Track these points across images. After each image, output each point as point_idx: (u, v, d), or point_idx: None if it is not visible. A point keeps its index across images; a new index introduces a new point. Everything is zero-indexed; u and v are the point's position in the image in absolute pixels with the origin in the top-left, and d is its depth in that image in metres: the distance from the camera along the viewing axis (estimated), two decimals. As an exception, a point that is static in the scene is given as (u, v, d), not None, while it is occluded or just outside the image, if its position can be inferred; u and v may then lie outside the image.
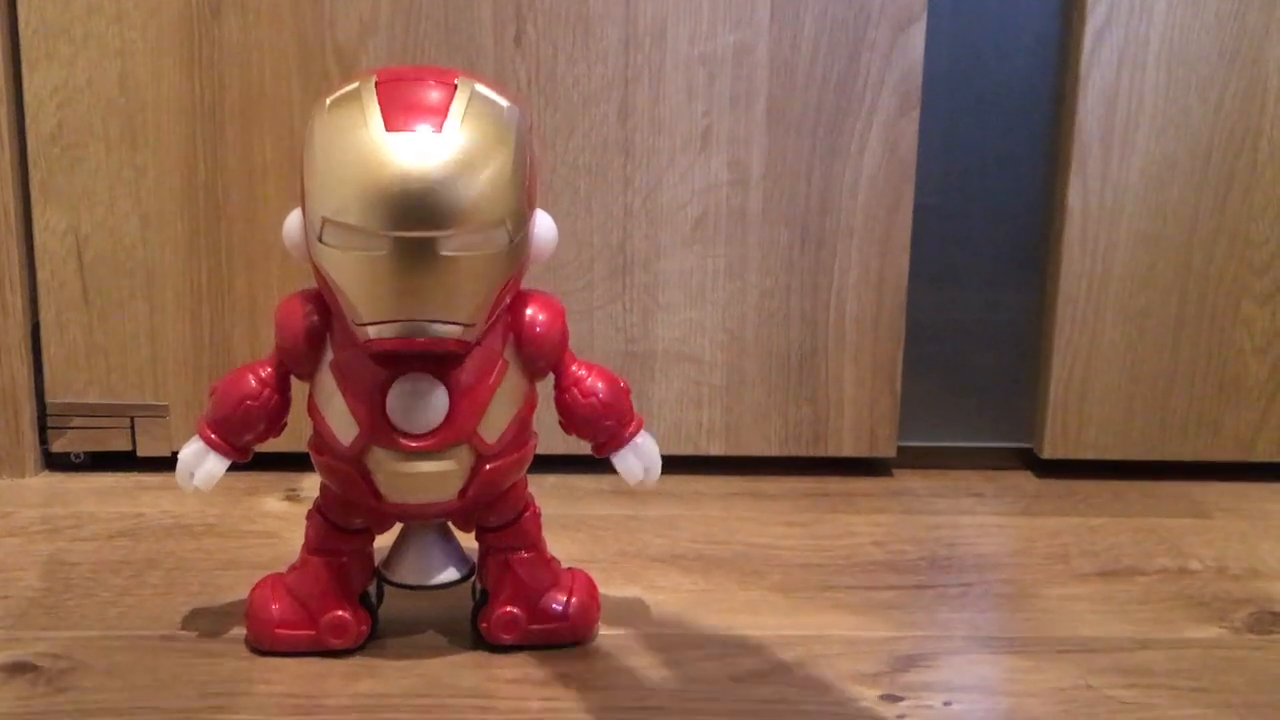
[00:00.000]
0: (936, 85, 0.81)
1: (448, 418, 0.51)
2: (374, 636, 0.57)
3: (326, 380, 0.53)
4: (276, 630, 0.55)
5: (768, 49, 0.79)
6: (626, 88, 0.79)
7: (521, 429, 0.55)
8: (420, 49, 0.77)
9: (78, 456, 0.82)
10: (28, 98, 0.76)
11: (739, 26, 0.78)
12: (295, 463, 0.81)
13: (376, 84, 0.49)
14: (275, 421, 0.55)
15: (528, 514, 0.57)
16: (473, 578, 0.58)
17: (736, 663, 0.56)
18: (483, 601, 0.57)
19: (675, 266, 0.81)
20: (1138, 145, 0.81)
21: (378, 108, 0.48)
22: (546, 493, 0.77)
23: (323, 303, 0.53)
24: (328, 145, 0.48)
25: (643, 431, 0.57)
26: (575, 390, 0.56)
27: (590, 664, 0.55)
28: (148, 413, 0.81)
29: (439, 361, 0.50)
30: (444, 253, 0.47)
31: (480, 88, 0.50)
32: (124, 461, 0.81)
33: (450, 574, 0.57)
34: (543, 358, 0.54)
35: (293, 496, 0.77)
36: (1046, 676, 0.55)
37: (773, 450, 0.84)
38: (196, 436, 0.55)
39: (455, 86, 0.49)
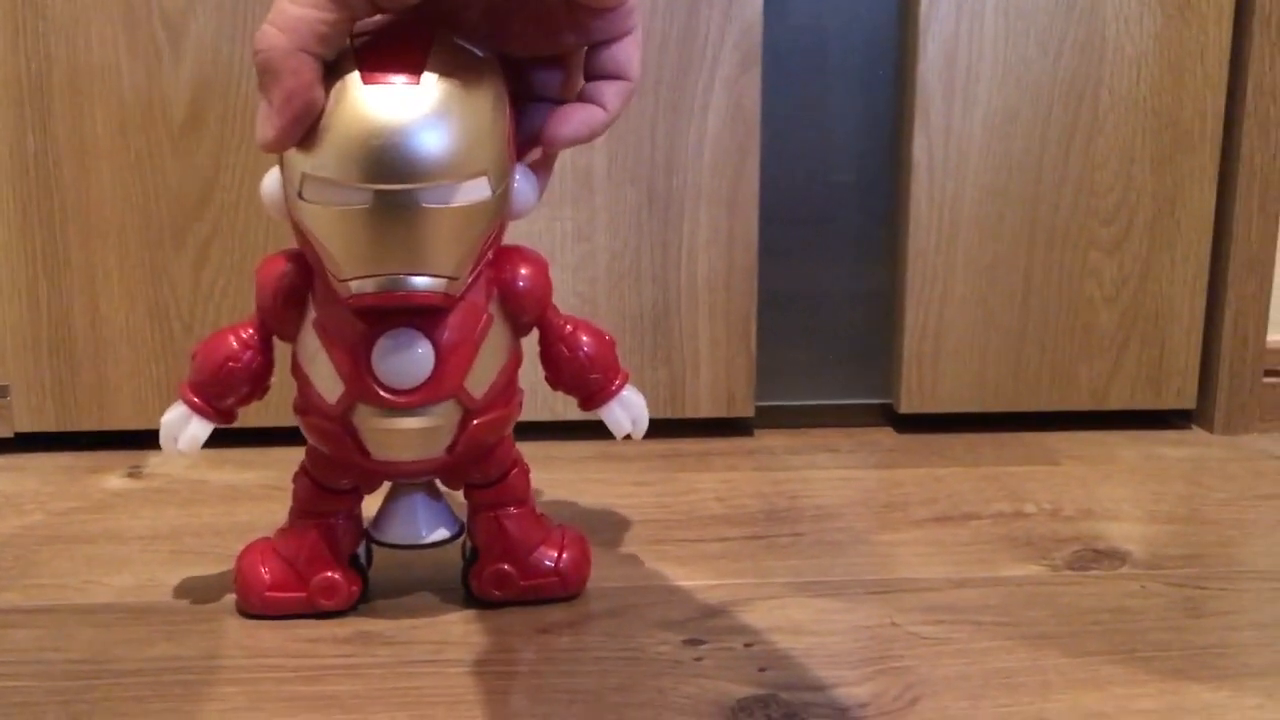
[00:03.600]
0: (778, 45, 0.81)
1: (434, 373, 0.50)
2: (364, 598, 0.56)
3: (310, 339, 0.52)
4: (267, 594, 0.55)
5: (606, 8, 0.78)
6: (465, 50, 0.78)
7: (508, 384, 0.54)
8: (250, 13, 0.76)
9: (-84, 440, 0.80)
10: None
11: (575, -14, 0.78)
12: (141, 441, 0.80)
13: (352, 38, 0.47)
14: (258, 384, 0.54)
15: (515, 470, 0.56)
16: (462, 536, 0.57)
17: (547, 615, 0.56)
18: (473, 559, 0.57)
19: (522, 229, 0.80)
20: (979, 97, 0.81)
21: (354, 61, 0.47)
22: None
23: (303, 262, 0.51)
24: None
25: (628, 385, 0.57)
26: (561, 345, 0.55)
27: (388, 621, 0.55)
28: (-13, 393, 0.80)
29: (423, 316, 0.50)
30: (425, 205, 0.46)
31: (459, 40, 0.49)
32: (-36, 444, 0.80)
33: (440, 533, 0.56)
34: (527, 312, 0.54)
35: (135, 474, 0.76)
36: (854, 616, 0.55)
37: (628, 413, 0.83)
38: (179, 400, 0.54)
39: (432, 38, 0.48)
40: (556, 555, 0.57)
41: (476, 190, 0.48)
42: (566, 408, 0.82)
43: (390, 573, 0.59)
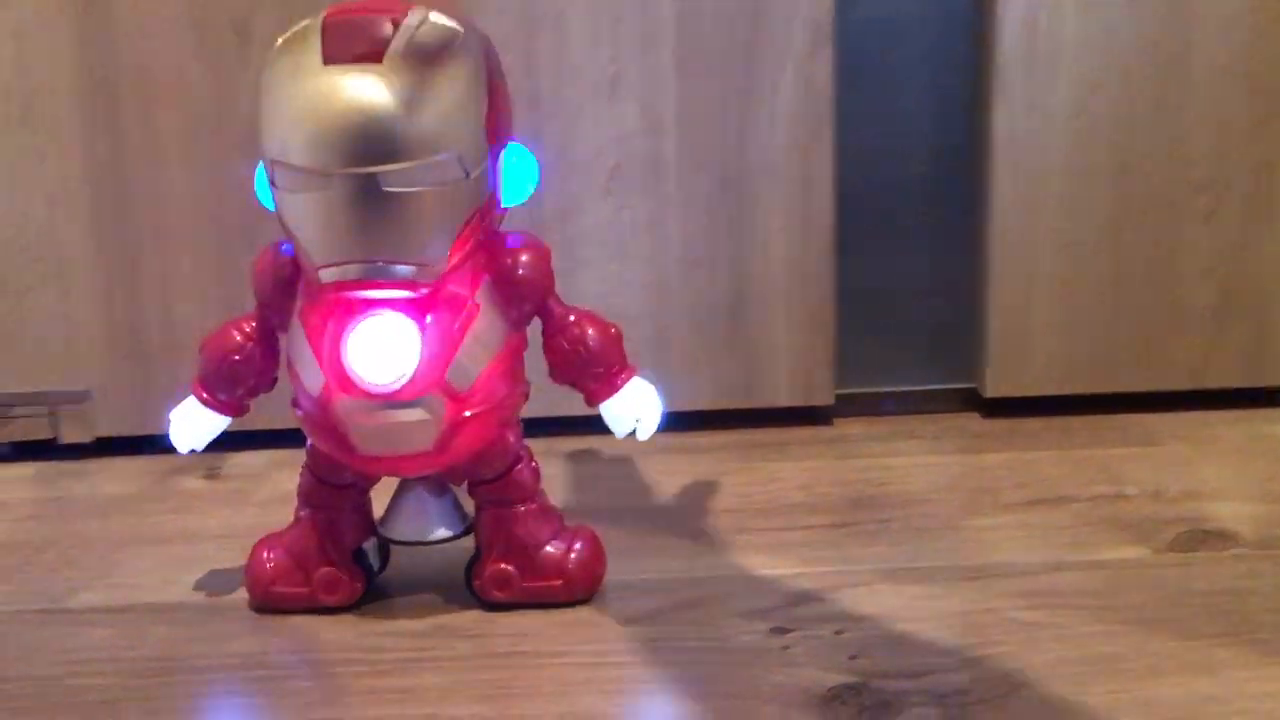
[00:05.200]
0: (850, 20, 0.79)
1: (412, 365, 0.48)
2: (372, 593, 0.55)
3: (297, 330, 0.51)
4: (271, 588, 0.54)
5: (672, -12, 0.77)
6: (529, 37, 0.77)
7: (501, 378, 0.51)
8: (316, 10, 0.75)
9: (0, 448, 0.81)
10: (-79, 84, 0.75)
11: (640, -32, 0.76)
12: (217, 443, 0.80)
13: (324, 18, 0.47)
14: (264, 376, 0.54)
15: (519, 466, 0.54)
16: (470, 533, 0.55)
17: (631, 605, 0.54)
18: (476, 557, 0.54)
19: (592, 220, 0.79)
20: (1061, 68, 0.78)
21: (319, 42, 0.46)
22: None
23: (294, 252, 0.51)
24: (272, 85, 0.47)
25: (635, 378, 0.54)
26: (560, 337, 0.53)
27: (467, 614, 0.53)
28: (68, 399, 0.80)
29: (401, 305, 0.48)
30: (390, 189, 0.45)
31: (435, 16, 0.47)
32: (47, 450, 0.80)
33: (443, 531, 0.55)
34: (526, 300, 0.51)
35: (213, 475, 0.76)
36: (948, 603, 0.53)
37: (704, 404, 0.82)
38: (191, 395, 0.54)
39: (404, 15, 0.47)
40: (563, 555, 0.53)
41: (446, 172, 0.46)
42: (642, 399, 0.81)
43: (460, 567, 0.57)
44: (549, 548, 0.54)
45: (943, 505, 0.66)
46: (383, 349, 0.48)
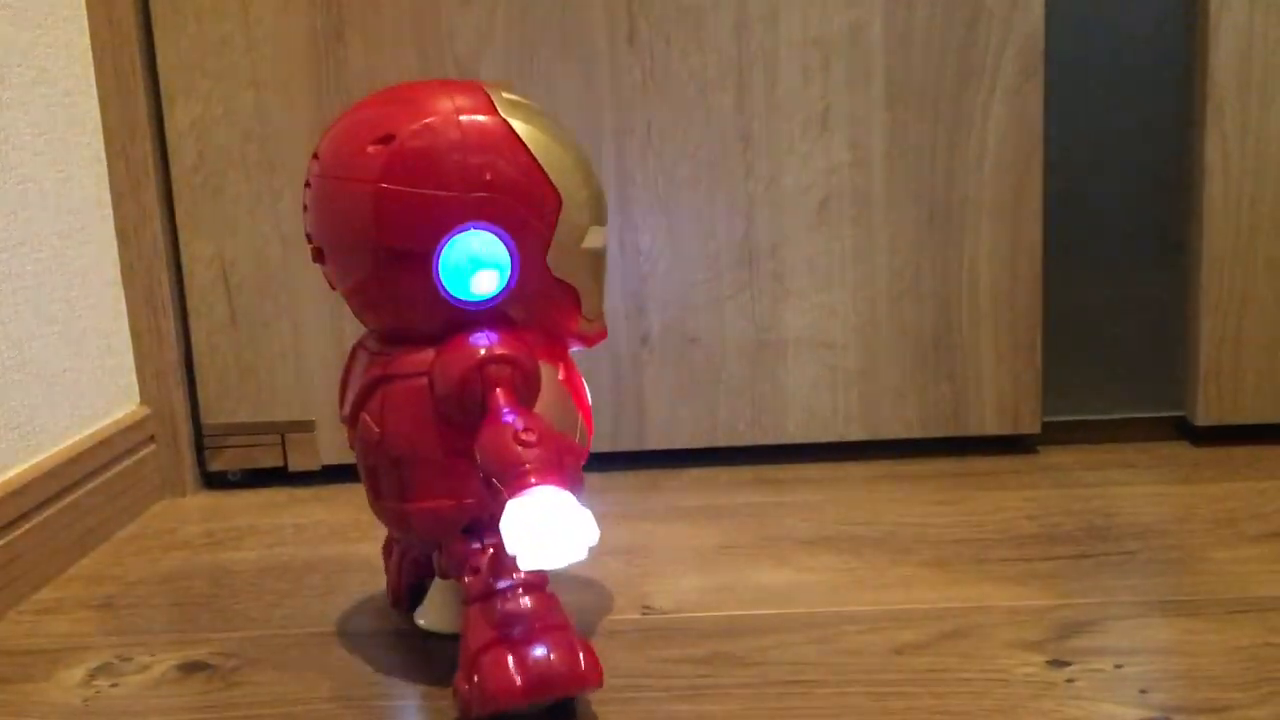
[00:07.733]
0: (1060, 50, 0.79)
1: None
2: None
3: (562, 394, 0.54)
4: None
5: (882, 25, 0.78)
6: (741, 76, 0.79)
7: None
8: (536, 55, 0.78)
9: (234, 475, 0.84)
10: (169, 132, 0.80)
11: (852, 5, 0.78)
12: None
13: None
14: None
15: None
16: None
17: (894, 636, 0.55)
18: None
19: (802, 252, 0.81)
20: (1277, 92, 0.78)
21: None
22: (686, 485, 0.77)
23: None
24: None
25: None
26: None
27: (741, 642, 0.55)
28: (296, 429, 0.84)
29: None
30: None
31: None
32: (276, 477, 0.84)
33: None
34: None
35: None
36: (1223, 637, 0.53)
37: (912, 432, 0.83)
38: (552, 489, 0.45)
39: None
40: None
41: None
42: (847, 427, 0.82)
43: (715, 595, 0.59)
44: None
45: (1183, 537, 0.66)
46: None
